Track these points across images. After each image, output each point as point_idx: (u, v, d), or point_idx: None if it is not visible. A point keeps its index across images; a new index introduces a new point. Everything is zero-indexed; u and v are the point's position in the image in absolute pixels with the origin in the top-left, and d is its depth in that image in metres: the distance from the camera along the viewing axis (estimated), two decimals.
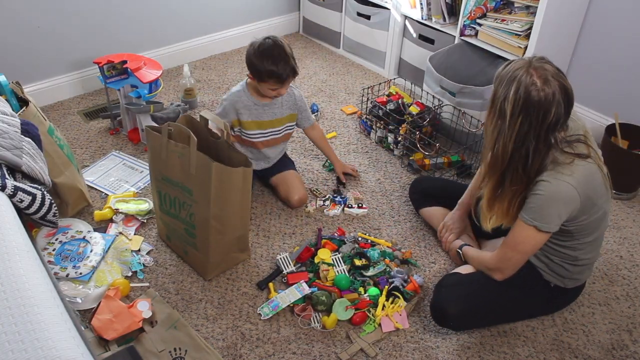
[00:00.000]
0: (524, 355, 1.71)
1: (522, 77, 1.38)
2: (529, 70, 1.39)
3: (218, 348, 1.68)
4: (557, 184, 1.44)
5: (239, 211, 1.81)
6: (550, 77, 1.38)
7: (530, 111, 1.38)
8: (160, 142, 1.78)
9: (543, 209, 1.47)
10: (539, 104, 1.37)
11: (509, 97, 1.39)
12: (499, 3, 2.60)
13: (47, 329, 1.00)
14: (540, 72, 1.38)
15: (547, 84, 1.37)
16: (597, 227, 1.59)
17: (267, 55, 1.94)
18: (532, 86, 1.37)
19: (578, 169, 1.45)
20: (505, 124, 1.42)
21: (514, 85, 1.38)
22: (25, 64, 2.69)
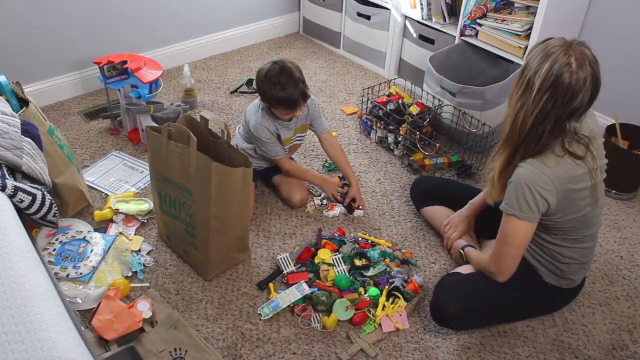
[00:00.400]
0: (524, 355, 1.71)
1: (559, 54, 1.36)
2: (567, 50, 1.37)
3: (218, 348, 1.68)
4: (531, 171, 1.44)
5: (239, 211, 1.81)
6: (587, 62, 1.37)
7: (558, 90, 1.37)
8: (160, 142, 1.78)
9: (518, 197, 1.47)
10: (569, 85, 1.36)
11: (541, 71, 1.37)
12: (499, 3, 2.60)
13: (47, 329, 1.00)
14: (578, 54, 1.37)
15: (582, 68, 1.36)
16: (578, 227, 1.58)
17: (276, 82, 1.91)
18: (567, 67, 1.35)
19: (562, 165, 1.44)
20: (531, 98, 1.40)
21: (549, 60, 1.37)
22: (26, 64, 2.69)
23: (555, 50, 1.38)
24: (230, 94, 3.02)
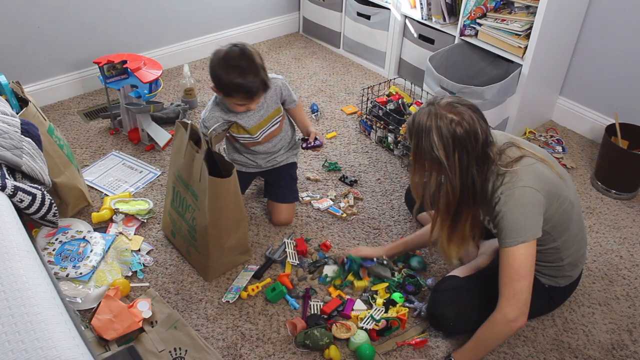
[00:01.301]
0: (524, 355, 1.71)
1: (437, 122, 1.40)
2: (437, 113, 1.41)
3: (218, 348, 1.68)
4: (518, 194, 1.43)
5: (233, 218, 1.81)
6: (456, 105, 1.41)
7: (463, 144, 1.40)
8: (182, 139, 1.79)
9: (519, 223, 1.44)
10: (467, 133, 1.39)
11: (435, 145, 1.41)
12: (499, 3, 2.60)
13: (47, 329, 1.00)
14: (447, 107, 1.41)
15: (460, 113, 1.40)
16: (570, 219, 1.57)
17: (234, 66, 1.70)
18: (452, 123, 1.39)
19: (523, 172, 1.45)
20: (445, 168, 1.42)
21: (434, 132, 1.40)
22: (26, 63, 2.69)
23: (428, 122, 1.41)
24: None
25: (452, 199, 1.47)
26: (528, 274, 1.47)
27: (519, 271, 1.46)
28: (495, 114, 2.54)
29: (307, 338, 1.65)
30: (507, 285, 1.48)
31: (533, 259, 1.48)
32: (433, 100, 1.46)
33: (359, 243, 2.09)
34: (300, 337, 1.67)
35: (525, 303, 1.48)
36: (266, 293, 1.82)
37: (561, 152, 2.65)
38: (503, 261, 1.48)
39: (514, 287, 1.47)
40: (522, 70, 2.50)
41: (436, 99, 1.46)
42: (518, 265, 1.46)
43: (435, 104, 1.44)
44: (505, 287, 1.49)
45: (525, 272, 1.47)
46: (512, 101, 2.59)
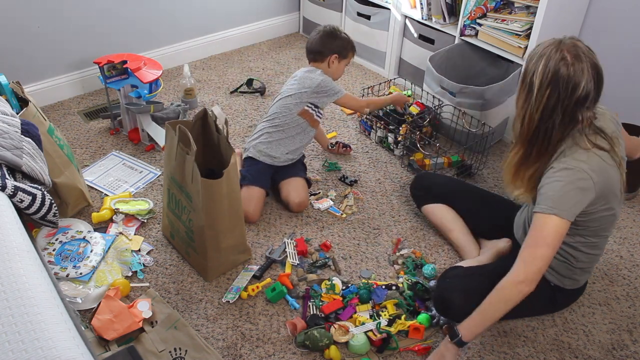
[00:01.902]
0: (524, 355, 1.71)
1: (552, 52, 1.41)
2: (559, 46, 1.42)
3: (218, 348, 1.68)
4: (573, 170, 1.44)
5: (229, 219, 1.81)
6: (581, 53, 1.41)
7: (559, 84, 1.40)
8: (173, 141, 1.79)
9: (561, 196, 1.45)
10: (568, 77, 1.39)
11: (537, 71, 1.42)
12: (499, 3, 2.60)
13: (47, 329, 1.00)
14: (571, 48, 1.41)
15: (578, 59, 1.40)
16: (604, 228, 1.58)
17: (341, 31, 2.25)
18: (562, 61, 1.40)
19: (594, 158, 1.45)
20: (533, 97, 1.44)
21: (544, 59, 1.42)
22: (26, 64, 2.69)
23: (548, 50, 1.43)
24: (230, 94, 3.01)
25: (527, 132, 1.49)
26: (552, 244, 1.47)
27: (546, 239, 1.46)
28: (495, 114, 2.54)
29: (307, 339, 1.65)
30: (529, 249, 1.49)
31: (561, 237, 1.47)
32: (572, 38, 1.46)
33: (359, 243, 2.09)
34: (300, 337, 1.67)
35: (539, 271, 1.48)
36: (266, 293, 1.82)
37: None
38: (533, 226, 1.49)
39: (534, 252, 1.47)
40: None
41: (575, 38, 1.46)
42: (547, 233, 1.46)
43: (565, 38, 1.45)
44: (526, 250, 1.49)
45: (550, 241, 1.46)
46: (512, 101, 2.59)
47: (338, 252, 2.04)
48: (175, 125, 1.79)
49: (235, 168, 1.76)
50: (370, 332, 1.70)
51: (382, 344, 1.69)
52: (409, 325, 1.72)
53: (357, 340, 1.67)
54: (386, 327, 1.72)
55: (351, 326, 1.71)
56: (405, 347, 1.70)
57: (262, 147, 2.21)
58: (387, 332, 1.70)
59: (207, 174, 1.71)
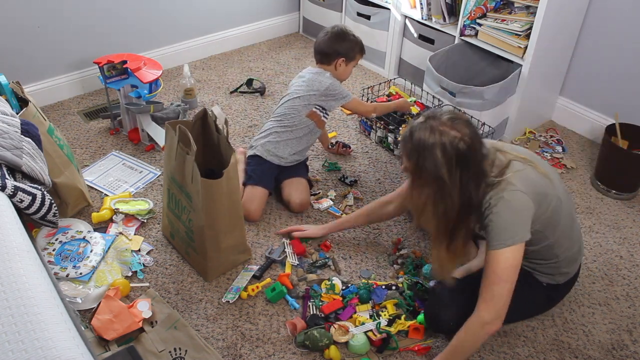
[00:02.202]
0: (524, 355, 1.71)
1: (440, 139, 1.37)
2: (440, 130, 1.37)
3: (218, 348, 1.68)
4: (507, 197, 1.42)
5: (229, 219, 1.81)
6: (455, 120, 1.39)
7: (465, 160, 1.38)
8: (172, 141, 1.79)
9: (507, 226, 1.43)
10: (469, 149, 1.37)
11: (439, 163, 1.37)
12: (499, 3, 2.60)
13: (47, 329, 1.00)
14: (447, 123, 1.38)
15: (460, 129, 1.38)
16: (559, 216, 1.56)
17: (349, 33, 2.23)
18: (455, 140, 1.36)
19: (512, 177, 1.44)
20: (447, 187, 1.39)
21: (438, 149, 1.37)
22: (26, 64, 2.69)
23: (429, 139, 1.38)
24: (230, 94, 3.01)
25: (451, 218, 1.44)
26: (510, 279, 1.46)
27: (501, 275, 1.45)
28: (495, 114, 2.54)
29: (306, 339, 1.65)
30: (487, 288, 1.47)
31: (518, 263, 1.46)
32: (432, 115, 1.42)
33: (359, 243, 2.09)
34: (300, 337, 1.67)
35: (503, 307, 1.47)
36: (266, 293, 1.82)
37: (561, 152, 2.65)
38: (487, 264, 1.47)
39: (492, 290, 1.46)
40: (522, 70, 2.50)
41: (435, 114, 1.43)
42: (501, 270, 1.44)
43: (435, 118, 1.40)
44: (485, 290, 1.48)
45: (507, 276, 1.45)
46: (512, 101, 2.60)
47: (338, 252, 2.04)
48: (175, 125, 1.79)
49: (235, 168, 1.76)
50: (370, 332, 1.70)
51: (382, 344, 1.69)
52: (409, 325, 1.72)
53: (357, 340, 1.67)
54: (386, 327, 1.72)
55: (351, 326, 1.71)
56: (405, 347, 1.70)
57: (270, 147, 2.21)
58: (387, 332, 1.70)
59: (207, 174, 1.71)
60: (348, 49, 2.21)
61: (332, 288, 1.85)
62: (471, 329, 1.50)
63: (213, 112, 1.84)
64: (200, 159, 1.76)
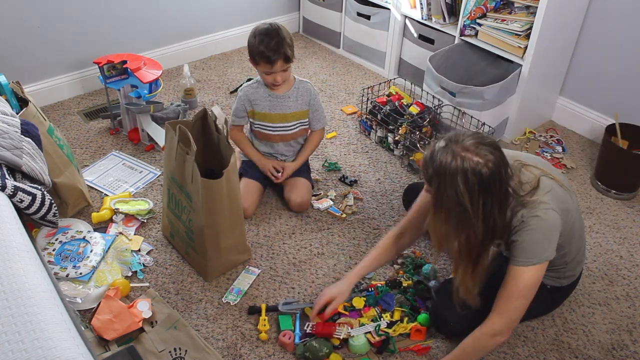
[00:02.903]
0: (524, 355, 1.71)
1: (463, 165, 1.30)
2: (462, 155, 1.31)
3: (218, 348, 1.68)
4: (543, 216, 1.40)
5: (228, 219, 1.81)
6: (478, 146, 1.32)
7: (488, 187, 1.32)
8: (172, 142, 1.79)
9: (538, 245, 1.42)
10: (492, 175, 1.32)
11: (460, 190, 1.31)
12: (499, 3, 2.60)
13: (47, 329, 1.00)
14: (471, 149, 1.32)
15: (482, 155, 1.31)
16: (574, 226, 1.57)
17: (260, 35, 1.96)
18: (478, 166, 1.30)
19: (543, 194, 1.42)
20: (470, 215, 1.34)
21: (460, 176, 1.31)
22: (26, 64, 2.69)
23: (452, 164, 1.31)
24: (230, 94, 3.01)
25: (475, 245, 1.40)
26: (529, 295, 1.46)
27: (522, 291, 1.45)
28: (495, 114, 2.54)
29: (306, 350, 1.63)
30: (505, 300, 1.47)
31: (539, 282, 1.46)
32: (455, 139, 1.35)
33: (359, 243, 2.09)
34: (299, 349, 1.65)
35: (515, 321, 1.49)
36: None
37: (561, 152, 2.65)
38: (510, 277, 1.46)
39: (510, 304, 1.46)
40: (522, 70, 2.50)
41: (458, 138, 1.35)
42: (523, 286, 1.44)
43: (459, 143, 1.33)
44: (502, 301, 1.48)
45: (527, 293, 1.46)
46: (512, 101, 2.60)
47: (338, 251, 2.04)
48: (175, 125, 1.79)
49: (235, 168, 1.76)
50: (369, 334, 1.70)
51: (382, 345, 1.69)
52: (411, 327, 1.72)
53: (357, 340, 1.67)
54: (385, 329, 1.72)
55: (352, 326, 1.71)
56: (405, 347, 1.70)
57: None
58: (386, 334, 1.70)
59: (207, 174, 1.71)
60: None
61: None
62: (480, 338, 1.51)
63: (213, 112, 1.84)
64: (200, 159, 1.76)
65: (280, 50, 1.95)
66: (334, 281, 1.92)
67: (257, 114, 2.15)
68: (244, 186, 2.16)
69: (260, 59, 1.98)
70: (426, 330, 1.73)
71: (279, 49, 1.95)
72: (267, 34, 1.95)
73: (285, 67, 2.02)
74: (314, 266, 1.99)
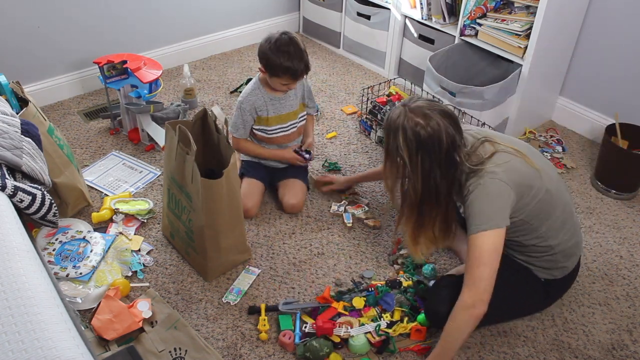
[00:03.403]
0: (524, 355, 1.71)
1: (404, 122, 1.48)
2: (407, 114, 1.48)
3: (218, 348, 1.68)
4: (484, 183, 1.48)
5: (228, 219, 1.81)
6: (427, 110, 1.48)
7: (426, 147, 1.47)
8: (172, 142, 1.79)
9: (483, 211, 1.48)
10: (430, 137, 1.46)
11: (400, 145, 1.49)
12: (499, 3, 2.60)
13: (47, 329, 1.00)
14: (417, 110, 1.48)
15: (428, 117, 1.46)
16: (550, 208, 1.57)
17: (284, 51, 1.97)
18: (417, 126, 1.46)
19: (493, 166, 1.49)
20: (408, 168, 1.51)
21: (401, 132, 1.48)
22: (26, 64, 2.69)
23: (398, 121, 1.49)
24: (230, 94, 3.01)
25: (414, 199, 1.55)
26: (490, 262, 1.48)
27: (480, 258, 1.48)
28: (495, 114, 2.54)
29: (307, 350, 1.63)
30: (468, 272, 1.51)
31: (496, 248, 1.49)
32: (408, 101, 1.53)
33: (359, 243, 2.09)
34: (300, 350, 1.65)
35: (485, 291, 1.49)
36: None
37: (561, 152, 2.65)
38: (467, 249, 1.52)
39: (473, 274, 1.49)
40: (522, 70, 2.50)
41: (411, 100, 1.53)
42: (479, 253, 1.48)
43: (407, 104, 1.51)
44: (467, 274, 1.52)
45: (486, 259, 1.48)
46: (512, 101, 2.60)
47: (338, 251, 2.05)
48: (175, 125, 1.79)
49: (235, 168, 1.76)
50: (369, 334, 1.70)
51: (382, 345, 1.69)
52: (411, 327, 1.72)
53: (357, 340, 1.67)
54: (385, 329, 1.72)
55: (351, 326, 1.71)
56: (405, 347, 1.70)
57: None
58: (386, 334, 1.70)
59: (207, 174, 1.71)
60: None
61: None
62: (456, 315, 1.53)
63: (213, 112, 1.84)
64: (200, 159, 1.76)
65: (303, 64, 2.00)
66: (334, 281, 1.92)
67: (266, 119, 2.14)
68: (247, 186, 2.16)
69: (284, 74, 2.00)
70: (426, 330, 1.73)
71: (303, 63, 2.00)
72: (288, 50, 1.97)
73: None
74: (314, 266, 1.99)
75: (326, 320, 1.70)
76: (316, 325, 1.68)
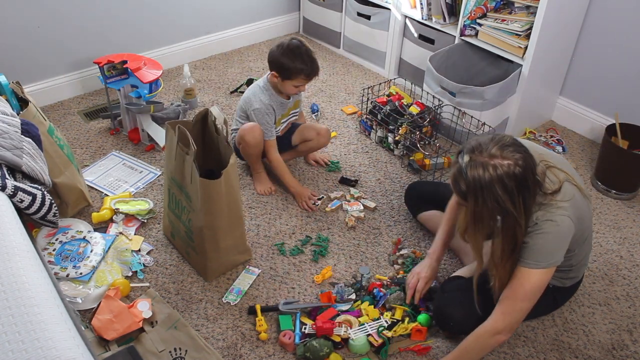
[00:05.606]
0: (524, 355, 1.71)
1: (494, 174, 1.33)
2: (487, 164, 1.33)
3: (218, 348, 1.68)
4: (558, 222, 1.41)
5: (228, 219, 1.81)
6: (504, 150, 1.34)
7: (525, 185, 1.35)
8: (172, 142, 1.79)
9: (547, 250, 1.43)
10: (524, 173, 1.34)
11: (501, 198, 1.34)
12: (499, 3, 2.60)
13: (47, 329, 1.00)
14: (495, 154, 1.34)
15: (509, 156, 1.34)
16: (586, 234, 1.59)
17: (297, 54, 2.09)
18: (508, 168, 1.33)
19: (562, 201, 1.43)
20: (514, 214, 1.37)
21: (497, 185, 1.33)
22: (26, 64, 2.69)
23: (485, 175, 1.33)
24: (230, 94, 3.01)
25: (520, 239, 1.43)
26: (534, 298, 1.48)
27: (527, 293, 1.47)
28: (495, 114, 2.54)
29: (307, 350, 1.63)
30: (510, 301, 1.48)
31: (545, 285, 1.48)
32: (478, 149, 1.36)
33: (359, 243, 2.09)
34: (299, 350, 1.65)
35: (518, 322, 1.50)
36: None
37: (561, 152, 2.65)
38: (516, 278, 1.47)
39: (515, 305, 1.48)
40: (522, 70, 2.50)
41: (481, 147, 1.36)
42: (530, 288, 1.46)
43: (483, 153, 1.35)
44: (507, 301, 1.49)
45: (532, 295, 1.47)
46: (512, 101, 2.60)
47: (338, 251, 2.05)
48: (175, 126, 1.79)
49: (234, 168, 1.76)
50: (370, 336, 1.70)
51: (380, 346, 1.69)
52: (411, 328, 1.72)
53: (357, 340, 1.67)
54: (386, 333, 1.71)
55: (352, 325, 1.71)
56: (405, 348, 1.70)
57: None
58: (385, 339, 1.69)
59: (206, 174, 1.71)
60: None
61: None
62: (482, 336, 1.52)
63: (211, 112, 1.84)
64: (200, 160, 1.76)
65: (316, 66, 2.14)
66: (334, 281, 1.92)
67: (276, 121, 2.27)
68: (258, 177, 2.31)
69: (297, 76, 2.11)
70: (426, 331, 1.73)
71: (316, 65, 2.14)
72: (300, 52, 2.09)
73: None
74: (314, 266, 1.99)
75: (326, 320, 1.70)
76: (316, 325, 1.68)
